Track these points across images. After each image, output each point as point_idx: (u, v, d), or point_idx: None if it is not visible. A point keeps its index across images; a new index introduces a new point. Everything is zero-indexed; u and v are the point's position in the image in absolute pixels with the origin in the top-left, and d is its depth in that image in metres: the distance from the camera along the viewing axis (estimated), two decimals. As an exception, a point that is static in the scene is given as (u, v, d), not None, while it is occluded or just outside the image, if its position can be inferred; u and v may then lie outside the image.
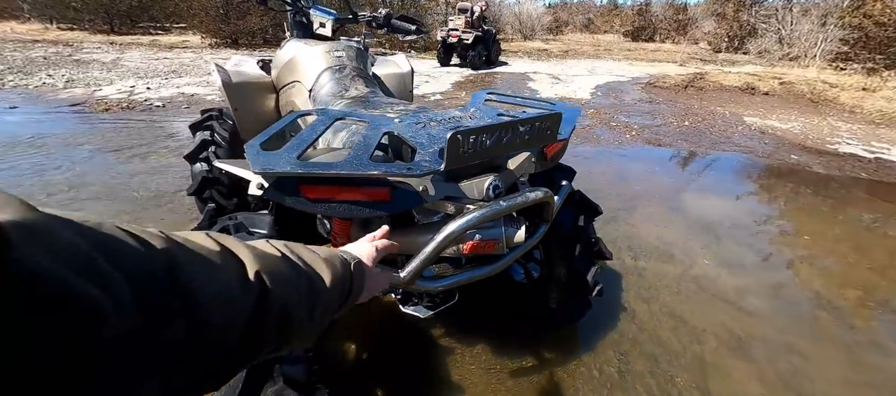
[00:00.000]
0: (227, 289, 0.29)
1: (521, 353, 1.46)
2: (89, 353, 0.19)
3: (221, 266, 0.30)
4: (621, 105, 5.80)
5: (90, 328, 0.19)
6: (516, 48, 13.64)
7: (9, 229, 0.17)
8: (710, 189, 3.04)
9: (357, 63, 1.52)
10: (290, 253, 0.38)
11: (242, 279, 0.31)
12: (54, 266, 0.18)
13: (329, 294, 0.40)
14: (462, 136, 0.66)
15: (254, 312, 0.31)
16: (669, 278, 1.93)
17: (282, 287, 0.33)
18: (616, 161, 3.57)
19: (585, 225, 1.25)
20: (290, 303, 0.34)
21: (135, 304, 0.22)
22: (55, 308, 0.17)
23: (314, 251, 0.42)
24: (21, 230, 0.17)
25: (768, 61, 11.66)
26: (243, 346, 0.30)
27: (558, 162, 1.07)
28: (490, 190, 0.80)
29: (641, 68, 10.04)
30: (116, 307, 0.20)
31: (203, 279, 0.27)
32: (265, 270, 0.32)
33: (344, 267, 0.45)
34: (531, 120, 0.76)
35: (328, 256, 0.43)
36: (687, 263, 2.06)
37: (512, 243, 0.84)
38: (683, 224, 2.46)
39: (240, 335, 0.30)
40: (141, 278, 0.23)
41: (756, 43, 13.30)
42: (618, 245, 2.16)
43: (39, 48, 8.46)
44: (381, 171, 0.65)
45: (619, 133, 4.40)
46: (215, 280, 0.28)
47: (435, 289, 0.80)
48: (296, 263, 0.37)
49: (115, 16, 12.25)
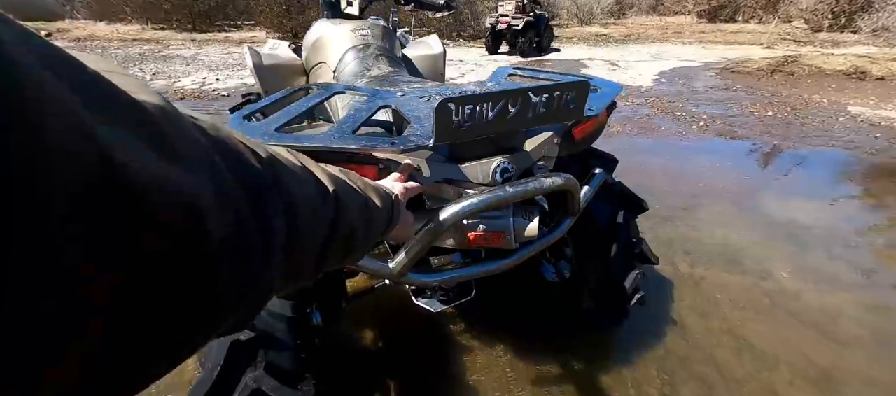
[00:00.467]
0: (314, 203, 0.31)
1: (545, 359, 1.32)
2: (201, 257, 0.18)
3: (307, 180, 0.31)
4: (689, 92, 5.17)
5: (196, 227, 0.18)
6: (571, 34, 12.84)
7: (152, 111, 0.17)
8: (796, 189, 2.57)
9: (382, 42, 1.46)
10: (347, 177, 0.40)
11: (324, 193, 0.32)
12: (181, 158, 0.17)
13: (379, 217, 0.43)
14: (455, 105, 0.55)
15: (331, 226, 0.32)
16: (735, 290, 1.64)
17: (349, 205, 0.36)
18: (678, 154, 3.17)
19: (625, 223, 1.07)
20: (354, 221, 0.36)
21: (248, 207, 0.22)
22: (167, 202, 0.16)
23: (363, 178, 0.44)
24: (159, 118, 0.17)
25: (886, 41, 9.69)
26: (319, 260, 0.32)
27: (591, 146, 0.90)
28: (497, 173, 0.69)
29: (718, 52, 8.90)
30: (221, 206, 0.19)
31: (298, 190, 0.28)
32: (337, 188, 0.34)
33: (387, 197, 0.47)
34: (548, 88, 0.62)
35: (375, 187, 0.45)
36: (759, 274, 1.74)
37: (522, 237, 0.72)
38: (759, 228, 2.09)
39: (319, 248, 0.31)
40: (253, 185, 0.23)
41: (871, 19, 11.09)
42: (672, 248, 1.89)
43: (136, 46, 9.69)
44: (358, 145, 0.57)
45: (684, 123, 3.92)
46: (305, 193, 0.30)
47: (430, 283, 0.71)
48: (353, 186, 0.39)
49: (197, 16, 13.66)
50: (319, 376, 0.78)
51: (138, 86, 0.18)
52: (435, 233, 0.62)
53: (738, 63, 7.10)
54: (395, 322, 1.47)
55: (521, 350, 1.35)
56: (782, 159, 3.08)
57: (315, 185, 0.32)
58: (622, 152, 1.38)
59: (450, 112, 0.55)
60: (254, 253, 0.22)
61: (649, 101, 4.71)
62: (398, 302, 1.46)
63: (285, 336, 0.73)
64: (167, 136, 0.17)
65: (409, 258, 0.64)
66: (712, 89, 5.37)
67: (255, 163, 0.24)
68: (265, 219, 0.24)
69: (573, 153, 0.86)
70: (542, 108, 0.63)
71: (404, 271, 0.66)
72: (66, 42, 10.38)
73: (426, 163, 0.66)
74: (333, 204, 0.33)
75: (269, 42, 1.79)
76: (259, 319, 0.71)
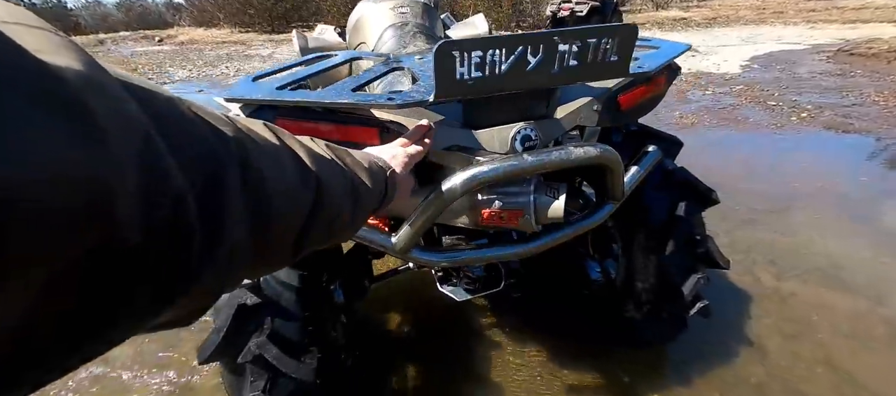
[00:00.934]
0: (292, 184, 0.29)
1: (582, 366, 1.18)
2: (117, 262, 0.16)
3: (284, 159, 0.30)
4: (789, 79, 4.39)
5: (104, 220, 0.15)
6: (645, 19, 11.70)
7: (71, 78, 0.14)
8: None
9: (422, 20, 1.41)
10: (334, 155, 0.38)
11: (303, 173, 0.31)
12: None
13: (368, 197, 0.41)
14: (459, 50, 0.46)
15: (312, 208, 0.31)
16: (836, 313, 1.33)
17: (334, 187, 0.34)
18: (767, 148, 2.70)
19: (687, 216, 0.89)
20: (338, 202, 0.35)
21: (195, 191, 0.20)
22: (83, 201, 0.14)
23: (353, 154, 0.42)
24: (81, 85, 0.15)
25: None
26: (297, 244, 0.30)
27: (641, 117, 0.75)
28: (517, 140, 0.59)
29: (830, 32, 7.47)
30: (148, 193, 0.17)
31: (272, 172, 0.27)
32: (320, 167, 0.33)
33: (380, 173, 0.45)
34: (580, 33, 0.50)
35: (368, 162, 0.43)
36: (872, 297, 1.39)
37: (545, 218, 0.61)
38: (874, 240, 1.68)
39: (299, 231, 0.30)
40: (206, 166, 0.21)
41: None
42: (751, 256, 1.60)
43: (225, 47, 10.92)
44: (352, 100, 0.51)
45: (781, 114, 3.32)
46: (281, 175, 0.28)
47: (433, 264, 0.64)
48: (340, 164, 0.38)
49: (275, 18, 15.04)
50: (328, 351, 0.76)
51: (52, 45, 0.15)
52: (439, 206, 0.55)
53: (859, 44, 5.86)
54: (421, 308, 1.43)
55: (555, 353, 1.22)
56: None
57: (295, 167, 0.30)
58: (692, 146, 1.18)
59: (453, 60, 0.47)
60: (195, 244, 0.19)
61: (735, 89, 4.09)
62: (425, 287, 1.41)
63: (292, 306, 0.71)
64: (80, 108, 0.14)
65: (413, 232, 0.58)
66: (822, 75, 4.50)
67: (213, 141, 0.22)
68: (217, 205, 0.21)
69: (619, 126, 0.72)
70: (572, 60, 0.51)
71: (407, 247, 0.60)
72: (172, 45, 12.07)
73: (434, 128, 0.59)
74: (314, 187, 0.31)
75: (318, 27, 1.84)
76: (268, 287, 0.71)
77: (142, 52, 10.58)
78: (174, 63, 8.50)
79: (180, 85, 6.29)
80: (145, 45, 12.24)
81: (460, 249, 0.65)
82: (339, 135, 0.57)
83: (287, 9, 15.38)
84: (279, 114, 0.57)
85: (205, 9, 17.06)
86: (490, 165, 0.53)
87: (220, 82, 6.37)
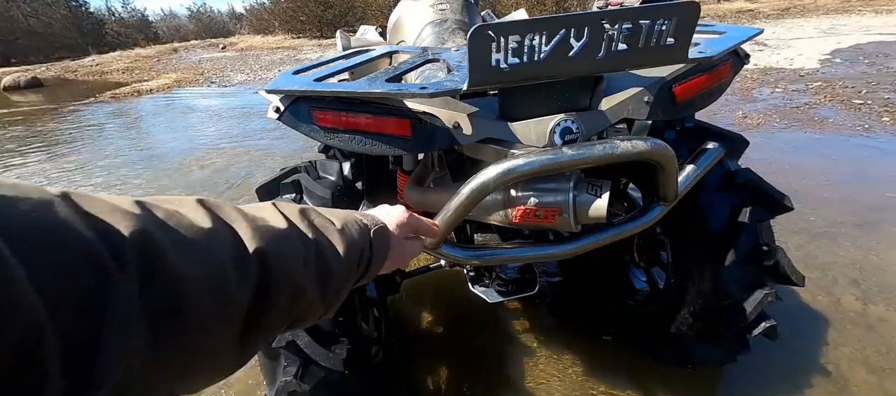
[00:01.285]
0: (220, 272, 0.26)
1: (623, 383, 1.09)
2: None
3: (212, 243, 0.26)
4: (880, 75, 3.83)
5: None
6: (705, 12, 10.82)
7: None
8: None
9: (461, 15, 1.40)
10: (301, 220, 0.34)
11: (239, 258, 0.27)
12: None
13: (343, 266, 0.36)
14: (495, 33, 0.43)
15: (256, 293, 0.27)
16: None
17: (287, 262, 0.30)
18: (853, 153, 2.36)
19: (752, 223, 0.79)
20: (298, 280, 0.31)
21: (57, 316, 0.16)
22: None
23: (328, 215, 0.37)
24: None
25: None
26: (245, 335, 0.27)
27: (700, 110, 0.67)
28: (556, 133, 0.55)
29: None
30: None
31: (190, 264, 0.23)
32: (267, 244, 0.29)
33: (362, 234, 0.39)
34: (631, 13, 0.45)
35: (344, 222, 0.38)
36: None
37: (586, 218, 0.56)
38: None
39: (242, 320, 0.27)
40: (84, 286, 0.18)
41: None
42: (830, 275, 1.40)
43: (278, 52, 11.69)
44: (380, 90, 0.50)
45: (869, 115, 2.91)
46: (204, 261, 0.25)
47: (463, 261, 0.61)
48: (304, 232, 0.34)
49: (324, 24, 15.90)
50: (358, 343, 0.77)
51: None
52: (471, 200, 0.52)
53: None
54: (454, 306, 1.41)
55: (594, 366, 1.15)
56: None
57: (229, 248, 0.27)
58: (758, 147, 1.05)
59: (488, 43, 0.44)
60: (52, 390, 0.15)
61: (812, 87, 3.65)
62: (459, 285, 1.39)
63: None
64: None
65: (443, 227, 0.56)
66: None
67: (96, 247, 0.18)
68: (93, 332, 0.17)
69: (672, 120, 0.64)
70: (621, 44, 0.46)
71: (437, 242, 0.58)
72: (234, 52, 13.13)
73: (468, 120, 0.56)
74: (256, 270, 0.28)
75: (360, 28, 1.90)
76: None
77: (208, 58, 11.64)
78: (235, 68, 9.28)
79: (238, 87, 6.81)
80: (212, 51, 13.45)
81: (491, 248, 0.62)
82: (374, 126, 0.57)
83: (335, 15, 16.23)
84: (314, 106, 0.57)
85: (262, 17, 18.47)
86: (526, 158, 0.50)
87: (272, 85, 6.85)
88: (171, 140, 3.96)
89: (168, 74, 8.94)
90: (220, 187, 2.73)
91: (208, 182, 2.83)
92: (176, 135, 4.15)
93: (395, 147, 0.57)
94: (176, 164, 3.23)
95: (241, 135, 3.88)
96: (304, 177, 0.84)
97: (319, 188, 0.83)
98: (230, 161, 3.19)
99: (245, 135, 3.84)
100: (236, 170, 3.01)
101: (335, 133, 0.58)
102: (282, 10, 16.56)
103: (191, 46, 16.11)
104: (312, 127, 0.58)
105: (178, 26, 25.24)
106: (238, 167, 3.06)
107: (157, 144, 3.87)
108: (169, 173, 3.09)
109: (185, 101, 5.94)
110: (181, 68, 9.92)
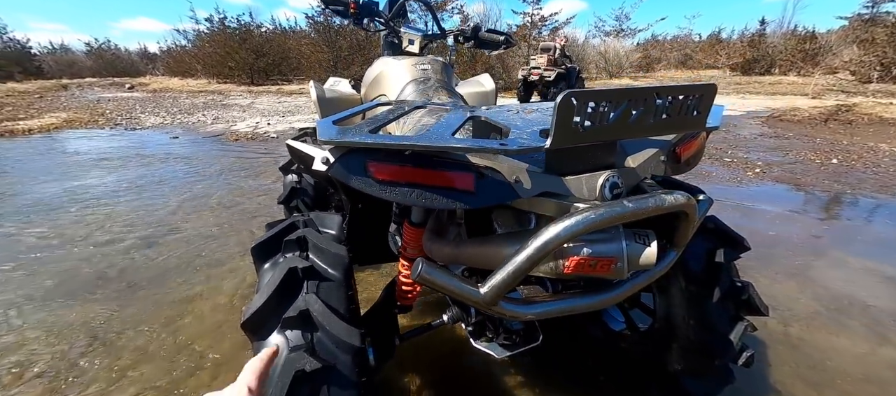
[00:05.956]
0: None
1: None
2: None
3: None
4: (736, 140, 4.94)
5: None
6: (601, 86, 13.05)
7: None
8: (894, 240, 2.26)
9: (441, 76, 1.47)
10: None
11: None
12: None
13: None
14: (578, 99, 0.48)
15: None
16: (846, 358, 1.37)
17: None
18: (737, 200, 2.93)
19: (726, 264, 0.92)
20: None
21: None
22: None
23: None
24: None
25: (949, 91, 9.10)
26: None
27: (693, 167, 0.79)
28: (606, 188, 0.59)
29: (758, 101, 8.66)
30: None
31: None
32: None
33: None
34: (674, 89, 0.54)
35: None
36: (872, 339, 1.46)
37: (636, 265, 0.60)
38: (862, 283, 1.81)
39: None
40: None
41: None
42: (755, 302, 1.65)
43: (202, 96, 10.75)
44: (465, 145, 0.50)
45: (738, 169, 3.69)
46: None
47: (522, 316, 0.60)
48: None
49: (255, 72, 15.22)
50: None
51: None
52: (538, 253, 0.52)
53: (784, 112, 6.82)
54: (448, 366, 1.31)
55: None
56: (862, 208, 2.76)
57: None
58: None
59: (572, 108, 0.48)
60: None
61: (694, 148, 4.52)
62: (453, 345, 1.31)
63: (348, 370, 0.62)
64: None
65: (503, 284, 0.54)
66: (761, 137, 5.12)
67: None
68: None
69: (674, 176, 0.75)
70: (664, 113, 0.54)
71: (496, 299, 0.56)
72: (144, 92, 11.72)
73: (527, 174, 0.58)
74: None
75: (331, 79, 1.87)
76: (321, 348, 0.62)
77: (110, 98, 10.17)
78: (146, 109, 8.21)
79: (151, 131, 6.02)
80: (114, 90, 11.81)
81: (547, 300, 0.61)
82: (436, 179, 0.55)
83: (267, 64, 15.69)
84: (371, 159, 0.54)
85: (181, 60, 16.99)
86: (597, 211, 0.52)
87: (197, 129, 6.17)
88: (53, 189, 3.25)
89: (54, 113, 7.49)
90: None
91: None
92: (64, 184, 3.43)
93: (456, 200, 0.55)
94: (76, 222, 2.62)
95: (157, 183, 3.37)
96: (311, 232, 0.75)
97: (325, 242, 0.75)
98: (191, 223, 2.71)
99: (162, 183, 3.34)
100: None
101: (393, 186, 0.54)
102: (206, 53, 15.49)
103: (86, 84, 13.92)
104: (366, 179, 0.54)
105: (72, 61, 21.60)
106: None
107: (28, 192, 3.13)
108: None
109: (74, 144, 5.02)
110: (74, 107, 8.41)
